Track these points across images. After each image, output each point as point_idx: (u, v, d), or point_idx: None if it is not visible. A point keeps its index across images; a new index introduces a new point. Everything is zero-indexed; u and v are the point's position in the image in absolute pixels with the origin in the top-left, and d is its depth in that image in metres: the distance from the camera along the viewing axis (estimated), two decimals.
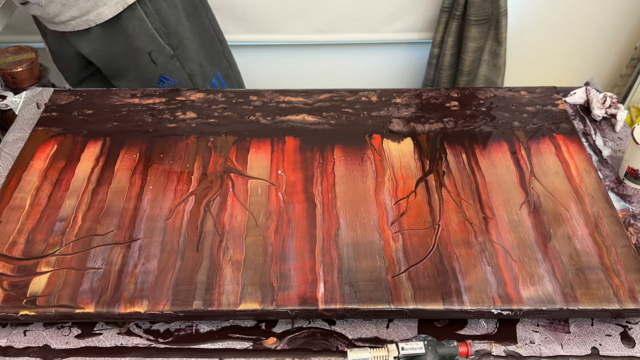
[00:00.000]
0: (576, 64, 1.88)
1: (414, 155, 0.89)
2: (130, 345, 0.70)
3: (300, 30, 1.71)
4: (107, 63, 1.16)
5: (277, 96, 1.01)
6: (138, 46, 1.12)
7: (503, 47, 1.66)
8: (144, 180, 0.84)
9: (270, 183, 0.84)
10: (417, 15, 1.69)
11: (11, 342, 0.70)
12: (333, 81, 1.88)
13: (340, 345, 0.70)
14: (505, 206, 0.81)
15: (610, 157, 0.93)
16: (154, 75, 1.16)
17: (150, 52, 1.13)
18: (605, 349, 0.69)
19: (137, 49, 1.12)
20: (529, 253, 0.74)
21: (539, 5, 1.70)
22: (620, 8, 1.71)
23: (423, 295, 0.69)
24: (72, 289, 0.70)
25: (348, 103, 0.99)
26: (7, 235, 0.76)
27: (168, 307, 0.68)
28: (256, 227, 0.78)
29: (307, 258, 0.74)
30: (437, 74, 1.75)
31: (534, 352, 0.69)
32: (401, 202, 0.81)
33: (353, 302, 0.69)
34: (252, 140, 0.91)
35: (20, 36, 1.65)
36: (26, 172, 0.86)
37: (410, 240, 0.76)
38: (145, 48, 1.12)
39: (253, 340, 0.70)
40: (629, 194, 0.87)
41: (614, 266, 0.73)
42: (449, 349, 0.64)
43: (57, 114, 0.97)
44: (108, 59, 1.14)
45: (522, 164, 0.87)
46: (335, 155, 0.89)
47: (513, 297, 0.69)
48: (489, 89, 1.03)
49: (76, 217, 0.79)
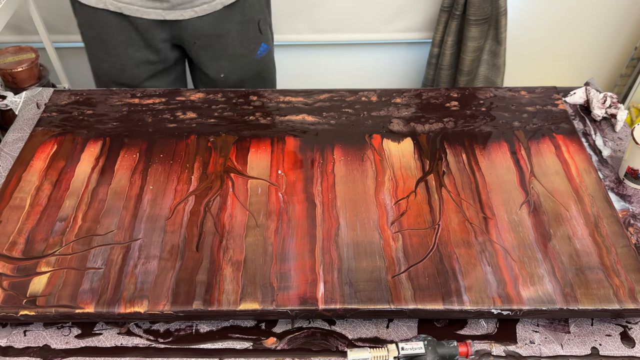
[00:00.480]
0: (576, 64, 1.88)
1: (414, 155, 0.89)
2: (130, 345, 0.70)
3: (300, 30, 1.71)
4: (210, 44, 1.11)
5: (277, 96, 1.01)
6: (251, 16, 1.11)
7: (503, 47, 1.66)
8: (144, 180, 0.84)
9: (270, 183, 0.84)
10: (417, 15, 1.69)
11: (11, 342, 0.70)
12: (333, 81, 1.88)
13: (340, 345, 0.70)
14: (505, 206, 0.81)
15: (610, 157, 0.93)
16: (256, 46, 1.15)
17: (259, 21, 1.13)
18: (605, 349, 0.69)
19: (250, 20, 1.11)
20: (529, 253, 0.74)
21: (539, 5, 1.70)
22: (620, 8, 1.71)
23: (423, 295, 0.69)
24: (72, 289, 0.70)
25: (348, 103, 0.99)
26: (7, 235, 0.76)
27: (168, 307, 0.68)
28: (256, 227, 0.78)
29: (307, 258, 0.74)
30: (437, 73, 1.75)
31: (533, 352, 0.69)
32: (401, 202, 0.81)
33: (353, 302, 0.69)
34: (252, 140, 0.91)
35: (20, 36, 1.65)
36: (26, 172, 0.86)
37: (410, 240, 0.76)
38: (256, 17, 1.12)
39: (253, 340, 0.70)
40: (629, 194, 0.87)
41: (614, 266, 0.73)
42: (449, 349, 0.64)
43: (57, 114, 0.97)
44: (216, 39, 1.11)
45: (522, 164, 0.87)
46: (335, 155, 0.89)
47: (513, 297, 0.69)
48: (489, 89, 1.03)
49: (76, 217, 0.79)
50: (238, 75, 1.17)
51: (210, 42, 1.11)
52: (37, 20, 1.51)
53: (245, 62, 1.17)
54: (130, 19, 1.05)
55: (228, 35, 1.11)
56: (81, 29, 1.10)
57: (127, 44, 1.08)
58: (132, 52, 1.09)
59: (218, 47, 1.12)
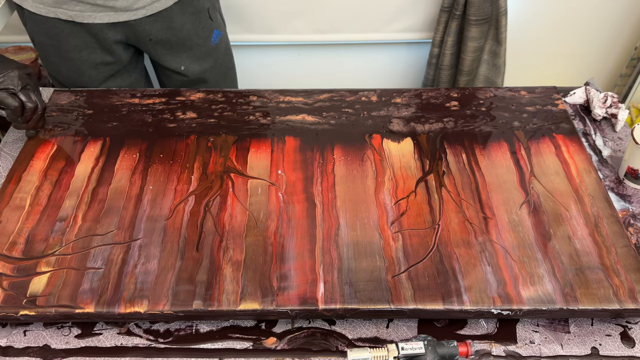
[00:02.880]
0: (576, 64, 1.88)
1: (414, 155, 0.89)
2: (130, 345, 0.70)
3: (300, 30, 1.71)
4: (166, 39, 1.12)
5: (277, 96, 1.01)
6: (202, 6, 1.12)
7: (503, 47, 1.66)
8: (144, 180, 0.84)
9: (270, 183, 0.84)
10: (417, 15, 1.69)
11: (11, 342, 0.70)
12: (333, 81, 1.88)
13: (340, 345, 0.70)
14: (505, 206, 0.81)
15: (610, 157, 0.93)
16: (209, 33, 1.17)
17: (208, 9, 1.15)
18: (605, 349, 0.69)
19: (200, 9, 1.12)
20: (529, 253, 0.74)
21: (539, 5, 1.70)
22: (620, 8, 1.71)
23: (423, 295, 0.69)
24: (72, 288, 0.70)
25: (348, 103, 0.99)
26: (7, 235, 0.76)
27: (168, 307, 0.68)
28: (256, 227, 0.78)
29: (307, 258, 0.74)
30: (437, 73, 1.75)
31: (533, 352, 0.69)
32: (401, 202, 0.81)
33: (353, 302, 0.69)
34: (252, 140, 0.91)
35: (20, 36, 1.65)
36: (26, 172, 0.86)
37: (410, 240, 0.76)
38: (205, 5, 1.14)
39: (253, 340, 0.70)
40: (629, 194, 0.87)
41: (614, 266, 0.73)
42: (449, 349, 0.64)
43: (57, 114, 0.97)
44: (171, 33, 1.12)
45: (522, 163, 0.87)
46: (335, 155, 0.89)
47: (513, 297, 0.69)
48: (489, 89, 1.03)
49: (76, 217, 0.79)
50: (198, 65, 1.19)
51: (167, 37, 1.12)
52: None
53: (203, 50, 1.18)
54: (82, 24, 1.05)
55: (183, 28, 1.12)
56: (32, 35, 1.10)
57: (81, 47, 1.08)
58: (86, 55, 1.09)
59: (174, 40, 1.13)
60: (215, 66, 1.23)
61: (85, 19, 1.03)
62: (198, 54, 1.17)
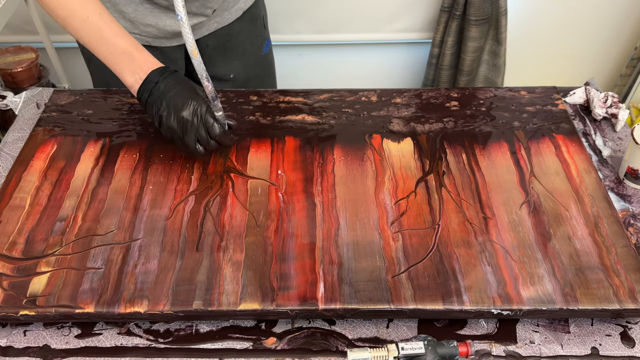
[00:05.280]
0: (576, 64, 1.88)
1: (414, 155, 0.89)
2: (130, 345, 0.70)
3: (300, 30, 1.71)
4: (223, 45, 1.10)
5: (277, 96, 1.01)
6: (257, 13, 1.11)
7: (503, 47, 1.66)
8: (144, 180, 0.84)
9: (270, 183, 0.84)
10: (417, 15, 1.70)
11: (11, 342, 0.70)
12: (333, 81, 1.88)
13: (340, 345, 0.70)
14: (505, 206, 0.81)
15: (610, 157, 0.93)
16: (262, 41, 1.15)
17: (263, 17, 1.14)
18: (605, 349, 0.69)
19: (257, 17, 1.11)
20: (529, 253, 0.74)
21: (539, 5, 1.70)
22: (620, 8, 1.71)
23: (423, 295, 0.69)
24: (72, 289, 0.70)
25: (348, 103, 0.99)
26: (7, 235, 0.76)
27: (168, 307, 0.68)
28: (256, 227, 0.78)
29: (307, 258, 0.74)
30: (437, 73, 1.75)
31: (533, 352, 0.69)
32: (401, 202, 0.81)
33: (353, 302, 0.69)
34: (252, 140, 0.91)
35: (20, 36, 1.65)
36: (26, 172, 0.86)
37: (410, 240, 0.76)
38: (261, 13, 1.13)
39: (253, 340, 0.70)
40: (629, 194, 0.87)
41: (614, 266, 0.73)
42: (449, 349, 0.64)
43: (57, 114, 0.97)
44: (227, 39, 1.10)
45: (522, 163, 0.87)
46: (335, 155, 0.89)
47: (513, 297, 0.69)
48: (489, 89, 1.03)
49: (76, 217, 0.79)
50: (246, 74, 1.17)
51: (222, 42, 1.10)
52: (37, 20, 1.51)
53: (254, 59, 1.17)
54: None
55: (239, 35, 1.11)
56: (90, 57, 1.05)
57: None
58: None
59: (229, 46, 1.12)
60: (260, 75, 1.21)
61: (160, 44, 1.03)
62: (248, 62, 1.16)
